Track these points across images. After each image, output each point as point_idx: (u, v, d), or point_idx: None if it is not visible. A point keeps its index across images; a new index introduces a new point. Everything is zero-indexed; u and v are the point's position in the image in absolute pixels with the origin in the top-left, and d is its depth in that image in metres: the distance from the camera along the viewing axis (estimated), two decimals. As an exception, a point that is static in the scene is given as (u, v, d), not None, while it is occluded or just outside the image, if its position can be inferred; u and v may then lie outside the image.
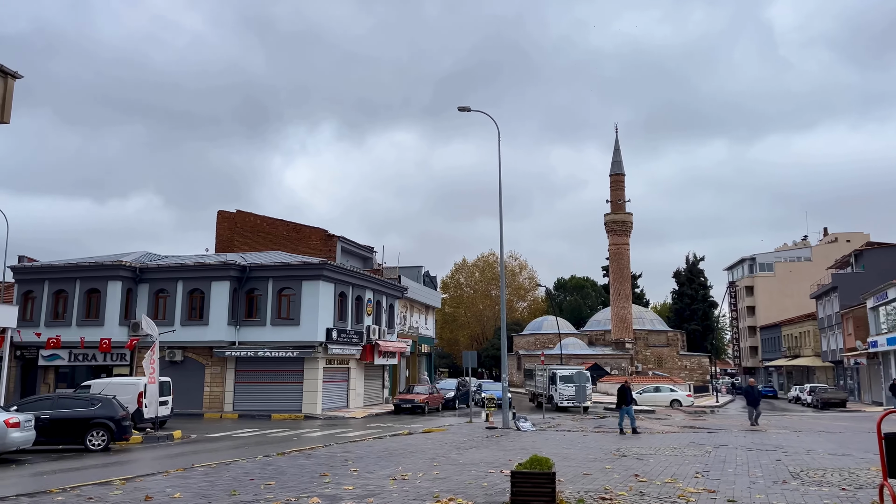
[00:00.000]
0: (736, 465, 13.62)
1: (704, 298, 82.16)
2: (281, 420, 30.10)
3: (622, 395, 22.78)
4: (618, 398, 23.26)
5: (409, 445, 17.56)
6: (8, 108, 18.31)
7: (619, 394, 23.06)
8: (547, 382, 38.62)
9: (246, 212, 47.18)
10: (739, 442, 19.17)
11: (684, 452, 16.07)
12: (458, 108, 26.21)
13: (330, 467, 13.14)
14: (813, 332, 69.51)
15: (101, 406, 18.48)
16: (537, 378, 41.81)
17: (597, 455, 15.35)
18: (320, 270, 32.64)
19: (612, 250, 70.21)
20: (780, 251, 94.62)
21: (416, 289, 48.61)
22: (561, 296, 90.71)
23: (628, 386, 23.50)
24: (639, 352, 69.96)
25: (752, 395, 26.55)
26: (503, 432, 21.98)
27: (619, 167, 70.34)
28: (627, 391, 22.94)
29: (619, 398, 22.97)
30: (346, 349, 34.31)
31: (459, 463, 13.77)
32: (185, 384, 32.69)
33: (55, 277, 33.70)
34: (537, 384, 41.65)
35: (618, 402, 23.23)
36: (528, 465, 8.70)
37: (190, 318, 33.07)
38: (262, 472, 12.56)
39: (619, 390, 23.20)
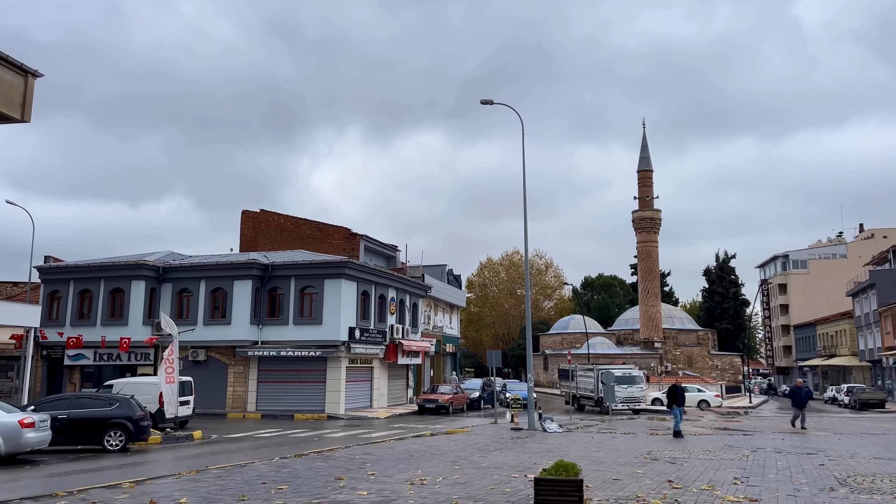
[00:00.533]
0: (777, 470, 12.80)
1: (736, 296, 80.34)
2: (304, 420, 29.75)
3: (673, 396, 21.59)
4: (668, 398, 22.03)
5: (430, 447, 16.98)
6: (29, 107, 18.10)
7: (670, 394, 21.84)
8: (596, 383, 36.43)
9: (270, 211, 47.10)
10: (777, 445, 18.25)
11: (720, 456, 15.25)
12: (481, 102, 25.60)
13: (347, 470, 12.62)
14: (849, 331, 67.51)
15: (119, 406, 18.20)
16: (579, 379, 39.26)
17: (627, 458, 14.62)
18: (342, 269, 32.24)
19: (641, 248, 68.93)
20: (813, 248, 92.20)
21: (441, 287, 48.06)
22: (588, 294, 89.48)
23: (680, 386, 22.27)
24: (668, 351, 68.58)
25: (800, 397, 25.01)
26: (529, 434, 21.31)
27: (646, 163, 69.04)
28: (679, 391, 21.70)
29: (670, 398, 21.72)
30: (369, 348, 33.87)
31: (482, 466, 13.15)
32: (208, 384, 32.51)
33: (80, 277, 33.79)
34: (579, 385, 39.25)
35: (668, 402, 21.96)
36: (553, 472, 8.07)
37: (213, 317, 32.90)
38: (277, 475, 12.07)
39: (670, 390, 21.97)
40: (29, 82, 18.25)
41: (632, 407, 35.23)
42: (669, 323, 70.59)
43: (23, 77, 17.46)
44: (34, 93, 18.84)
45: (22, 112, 18.28)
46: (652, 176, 69.08)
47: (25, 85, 18.03)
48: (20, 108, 18.52)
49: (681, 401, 21.38)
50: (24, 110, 18.30)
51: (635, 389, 35.73)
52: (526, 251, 25.22)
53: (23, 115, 18.25)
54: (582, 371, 39.69)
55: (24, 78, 17.67)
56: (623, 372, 36.87)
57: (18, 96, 17.96)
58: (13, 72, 15.23)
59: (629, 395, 35.30)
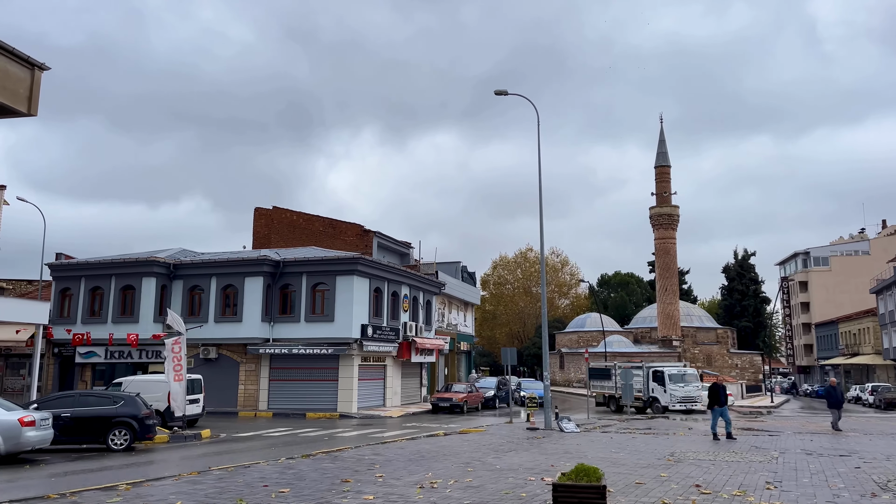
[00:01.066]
0: (810, 473, 12.03)
1: (756, 294, 78.94)
2: (315, 419, 29.25)
3: (714, 395, 19.78)
4: (709, 398, 20.14)
5: (443, 448, 16.36)
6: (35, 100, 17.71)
7: (711, 393, 20.01)
8: (646, 382, 34.51)
9: (282, 208, 46.68)
10: (806, 446, 17.43)
11: (747, 458, 14.49)
12: (496, 92, 24.92)
13: (354, 472, 12.02)
14: (873, 329, 65.97)
15: (124, 404, 17.75)
16: (618, 377, 36.05)
17: (649, 460, 13.91)
18: (354, 265, 31.71)
19: (658, 244, 67.85)
20: (835, 245, 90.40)
21: (455, 285, 47.43)
22: (605, 292, 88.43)
23: (721, 384, 20.45)
24: (687, 350, 67.46)
25: (835, 398, 23.43)
26: (545, 433, 20.62)
27: (664, 158, 67.95)
28: (721, 390, 19.96)
29: (711, 398, 19.91)
30: (381, 346, 33.31)
31: (496, 468, 12.50)
32: (219, 382, 32.16)
33: (91, 274, 33.53)
34: (619, 384, 36.00)
35: (709, 402, 20.07)
36: (573, 476, 7.41)
37: (224, 314, 32.50)
38: (280, 476, 11.51)
39: (711, 389, 20.14)
40: (36, 75, 17.77)
41: (689, 407, 33.49)
42: (688, 321, 69.46)
43: (29, 70, 17.00)
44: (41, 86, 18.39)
45: (28, 105, 17.80)
46: (670, 171, 68.00)
47: (32, 78, 17.54)
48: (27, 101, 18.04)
49: (723, 400, 19.65)
50: (31, 104, 17.82)
51: (692, 388, 33.99)
52: (542, 245, 24.50)
53: (29, 109, 17.78)
54: (620, 370, 36.70)
55: (31, 71, 17.19)
56: (676, 369, 35.03)
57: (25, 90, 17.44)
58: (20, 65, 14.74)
59: (686, 395, 33.54)
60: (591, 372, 39.10)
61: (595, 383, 38.55)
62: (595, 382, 38.55)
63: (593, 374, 39.24)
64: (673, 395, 33.61)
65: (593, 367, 40.11)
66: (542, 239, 24.31)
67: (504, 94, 24.93)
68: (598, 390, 38.51)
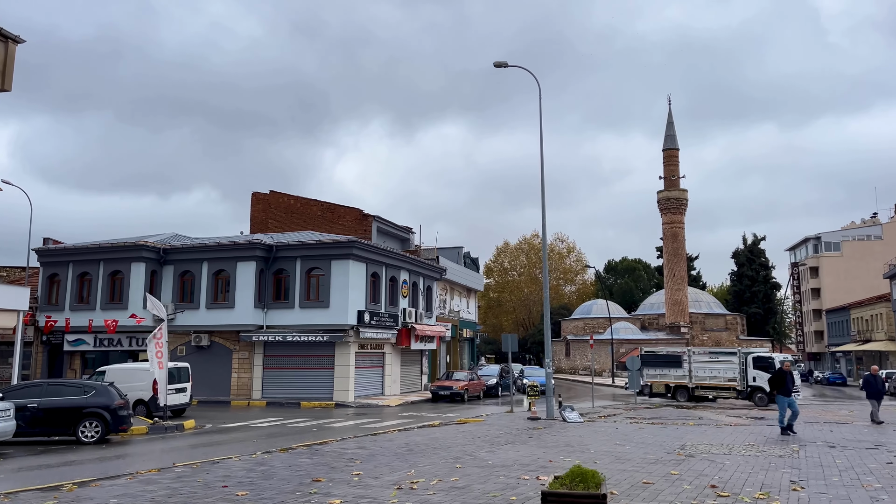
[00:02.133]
0: (839, 470, 10.78)
1: (766, 280, 77.31)
2: (310, 408, 28.18)
3: (779, 382, 17.30)
4: (772, 385, 17.75)
5: (435, 440, 15.19)
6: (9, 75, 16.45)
7: (776, 380, 17.58)
8: (746, 370, 31.51)
9: (279, 192, 45.52)
10: (828, 437, 16.16)
11: (766, 451, 13.24)
12: (495, 64, 23.63)
13: (331, 469, 10.86)
14: (886, 315, 64.44)
15: (95, 394, 16.62)
16: (697, 364, 33.34)
17: (658, 454, 12.68)
18: (350, 249, 30.49)
19: (666, 229, 66.33)
20: (847, 229, 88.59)
21: (457, 270, 46.19)
22: (611, 279, 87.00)
23: (788, 370, 17.88)
24: (695, 336, 66.11)
25: (875, 386, 20.98)
26: (547, 424, 19.44)
27: (672, 141, 66.30)
28: (787, 376, 17.46)
29: (775, 385, 17.45)
30: (379, 333, 32.15)
31: (487, 464, 11.30)
32: (212, 370, 31.16)
33: (79, 260, 32.45)
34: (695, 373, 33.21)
35: (771, 389, 17.70)
36: (567, 481, 6.18)
37: (215, 300, 31.38)
38: (247, 475, 10.35)
39: (776, 375, 17.72)
40: (10, 48, 16.43)
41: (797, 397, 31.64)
42: (696, 307, 68.09)
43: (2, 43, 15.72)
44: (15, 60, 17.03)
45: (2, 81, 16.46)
46: (678, 154, 66.37)
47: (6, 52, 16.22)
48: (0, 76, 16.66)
49: (790, 387, 17.25)
50: (5, 78, 16.48)
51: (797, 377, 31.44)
52: (544, 226, 23.22)
53: (3, 84, 16.45)
54: (704, 356, 34.00)
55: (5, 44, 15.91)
56: (778, 356, 32.46)
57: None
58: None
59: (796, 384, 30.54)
60: (646, 358, 35.38)
61: (652, 371, 34.71)
62: (651, 371, 34.70)
63: (650, 360, 35.28)
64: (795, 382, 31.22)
65: (649, 352, 36.37)
66: (544, 218, 23.01)
67: (504, 66, 23.64)
68: (658, 379, 34.69)
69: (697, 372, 33.38)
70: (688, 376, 33.56)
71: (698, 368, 33.45)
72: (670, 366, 34.69)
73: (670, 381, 34.31)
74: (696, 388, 33.22)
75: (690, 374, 33.51)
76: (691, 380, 33.43)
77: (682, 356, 34.43)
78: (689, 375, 33.55)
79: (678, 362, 34.35)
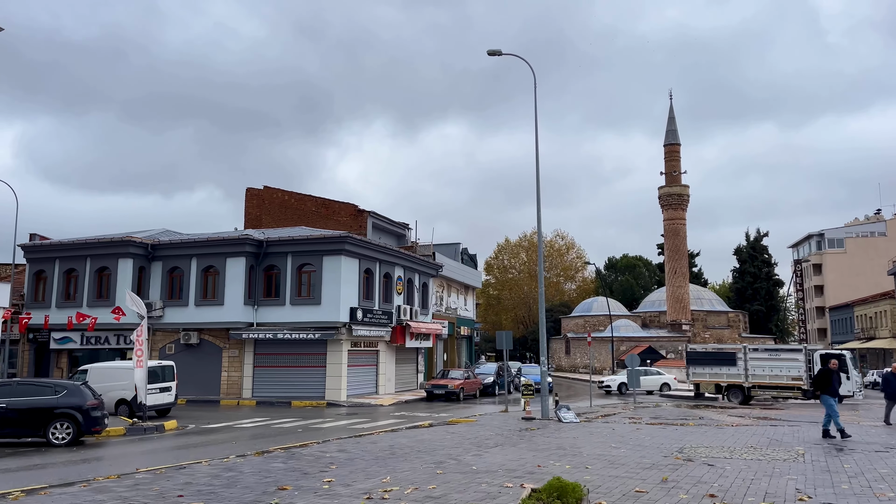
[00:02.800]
0: (847, 476, 10.02)
1: (768, 277, 76.35)
2: (301, 408, 27.47)
3: (825, 381, 15.94)
4: (815, 384, 16.37)
5: (421, 442, 14.45)
6: None
7: (820, 379, 16.15)
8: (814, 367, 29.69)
9: (273, 188, 44.81)
10: (833, 439, 15.38)
11: (769, 455, 12.49)
12: (488, 52, 22.91)
13: (302, 475, 10.12)
14: (890, 312, 63.64)
15: (67, 393, 15.91)
16: (753, 363, 31.72)
17: (654, 458, 11.93)
18: (342, 244, 29.75)
19: (668, 225, 65.44)
20: (850, 226, 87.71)
21: (454, 267, 45.43)
22: (612, 276, 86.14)
23: (834, 368, 16.38)
24: (697, 334, 65.27)
25: (894, 386, 19.31)
26: (541, 424, 18.70)
27: (674, 136, 65.38)
28: (834, 375, 16.06)
29: (820, 385, 16.08)
30: (373, 330, 31.44)
31: (471, 470, 10.56)
32: (201, 369, 30.51)
33: (65, 256, 31.78)
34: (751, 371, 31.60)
35: (814, 388, 16.40)
36: (545, 495, 5.47)
37: (205, 297, 30.68)
38: (211, 482, 9.62)
39: (821, 374, 16.25)
40: None
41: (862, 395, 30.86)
42: (698, 304, 67.20)
43: None
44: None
45: None
46: (679, 150, 65.43)
47: None
48: None
49: (836, 387, 15.96)
50: None
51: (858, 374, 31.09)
52: (539, 218, 22.46)
53: None
54: (763, 353, 32.43)
55: None
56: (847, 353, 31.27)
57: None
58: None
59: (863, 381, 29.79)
60: (691, 356, 33.62)
61: (699, 370, 33.14)
62: (699, 369, 33.15)
63: (697, 358, 33.54)
64: (856, 381, 29.82)
65: (694, 350, 34.57)
66: (539, 210, 22.25)
67: (498, 54, 22.91)
68: (707, 378, 33.01)
69: (755, 370, 31.65)
70: (743, 375, 31.87)
71: (756, 367, 31.68)
72: (722, 364, 32.76)
73: (721, 381, 32.55)
74: (753, 387, 31.66)
75: (746, 372, 31.82)
76: (747, 379, 31.75)
77: (736, 353, 32.71)
78: (744, 374, 31.86)
79: (732, 360, 32.47)
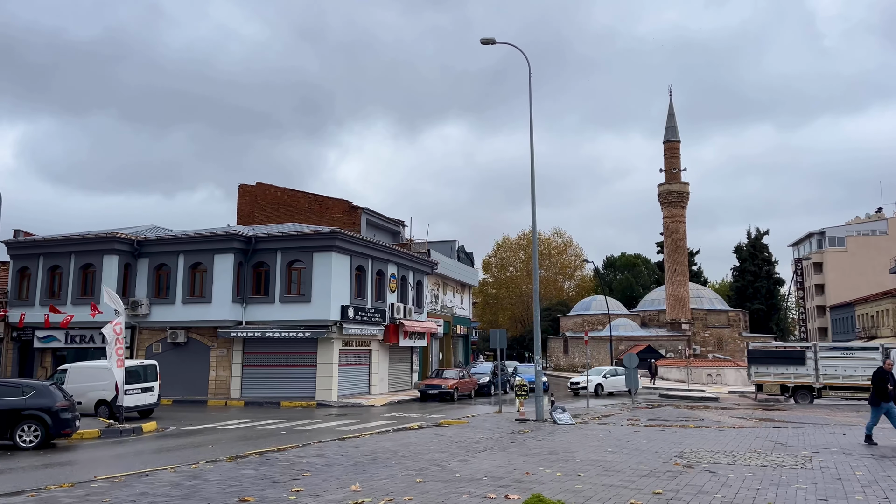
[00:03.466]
0: (861, 485, 9.26)
1: (769, 275, 75.59)
2: (290, 408, 26.70)
3: (882, 387, 14.12)
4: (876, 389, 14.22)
5: (406, 446, 13.68)
6: None
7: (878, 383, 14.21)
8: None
9: (266, 184, 43.99)
10: (841, 442, 14.64)
11: (774, 460, 11.73)
12: (481, 41, 22.13)
13: (271, 483, 9.36)
14: (892, 311, 62.91)
15: (35, 394, 15.13)
16: (825, 361, 30.51)
17: (651, 464, 11.17)
18: (332, 240, 28.96)
19: (667, 223, 64.71)
20: (851, 224, 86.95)
21: (450, 265, 44.66)
22: (611, 274, 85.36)
23: (889, 370, 14.51)
24: (696, 333, 64.55)
25: None
26: (535, 426, 17.95)
27: (673, 133, 64.65)
28: (889, 377, 14.24)
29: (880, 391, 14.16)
30: (365, 329, 30.66)
31: (454, 477, 9.80)
32: (189, 368, 29.74)
33: (50, 252, 30.98)
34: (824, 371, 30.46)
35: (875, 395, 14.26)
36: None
37: (192, 294, 29.88)
38: (169, 492, 8.86)
39: (878, 376, 14.33)
40: None
41: None
42: (698, 303, 66.45)
43: None
44: None
45: None
46: (679, 147, 64.70)
47: None
48: None
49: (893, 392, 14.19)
50: None
51: None
52: (533, 209, 21.69)
53: None
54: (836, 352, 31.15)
55: None
56: None
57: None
58: None
59: None
60: (753, 356, 32.00)
61: (762, 370, 31.71)
62: (762, 369, 31.73)
63: (760, 357, 31.90)
64: None
65: (755, 348, 33.03)
66: (533, 198, 21.49)
67: (492, 43, 22.15)
68: (772, 379, 31.44)
69: (826, 370, 30.47)
70: (813, 375, 30.63)
71: (828, 366, 30.52)
72: (789, 363, 31.48)
73: (788, 381, 31.21)
74: (824, 388, 30.47)
75: (817, 372, 30.61)
76: (818, 379, 30.58)
77: (805, 352, 31.41)
78: (814, 374, 30.63)
79: (801, 359, 31.22)
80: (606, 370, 35.85)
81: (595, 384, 34.47)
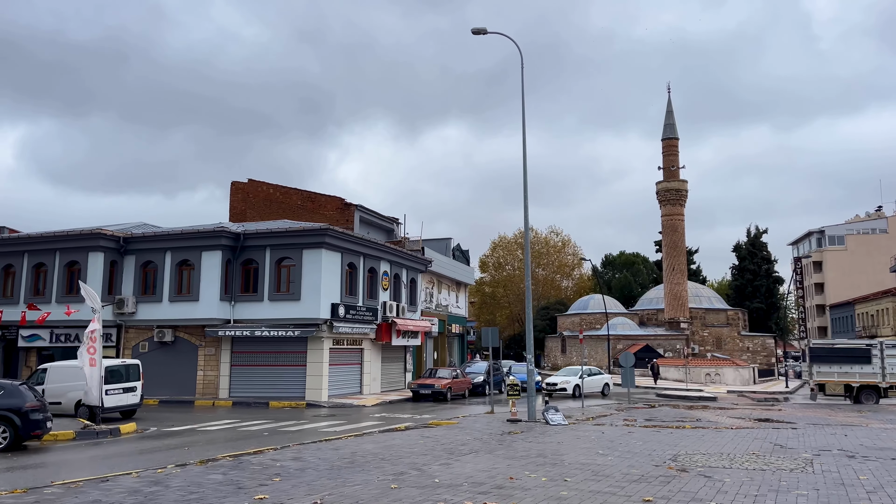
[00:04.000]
0: (866, 491, 8.67)
1: (768, 274, 74.94)
2: (279, 408, 26.11)
3: None
4: None
5: (388, 448, 13.09)
6: None
7: None
8: None
9: (258, 181, 43.46)
10: (843, 443, 14.05)
11: (773, 463, 11.14)
12: (473, 31, 21.52)
13: (236, 489, 8.77)
14: (892, 310, 62.49)
15: (4, 394, 14.55)
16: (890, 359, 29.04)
17: (644, 468, 10.58)
18: (322, 237, 28.35)
19: (666, 221, 64.07)
20: (851, 223, 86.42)
21: (445, 263, 44.08)
22: (609, 273, 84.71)
23: None
24: (695, 332, 63.91)
25: None
26: (526, 427, 17.35)
27: (672, 130, 64.03)
28: None
29: None
30: (356, 328, 30.05)
31: (433, 483, 9.20)
32: (176, 367, 29.17)
33: (34, 249, 30.37)
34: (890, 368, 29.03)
35: None
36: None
37: (179, 292, 29.28)
38: (125, 500, 8.26)
39: None
40: None
41: None
42: (696, 302, 65.81)
43: None
44: None
45: None
46: (678, 144, 64.06)
47: None
48: None
49: None
50: None
51: None
52: (526, 203, 21.10)
53: None
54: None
55: None
56: None
57: None
58: None
59: None
60: (819, 353, 30.53)
61: (825, 369, 30.24)
62: (824, 368, 30.25)
63: (822, 355, 30.45)
64: None
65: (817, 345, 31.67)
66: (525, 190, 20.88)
67: (483, 33, 21.53)
68: (836, 378, 30.01)
69: (893, 369, 28.93)
70: (880, 374, 29.16)
71: (893, 364, 28.94)
72: (853, 361, 29.87)
73: (853, 381, 29.72)
74: (891, 388, 29.04)
75: (884, 371, 29.10)
76: (884, 378, 29.07)
77: (871, 349, 29.78)
78: (882, 373, 29.14)
79: (866, 357, 29.58)
80: (583, 370, 34.28)
81: (573, 385, 32.84)
